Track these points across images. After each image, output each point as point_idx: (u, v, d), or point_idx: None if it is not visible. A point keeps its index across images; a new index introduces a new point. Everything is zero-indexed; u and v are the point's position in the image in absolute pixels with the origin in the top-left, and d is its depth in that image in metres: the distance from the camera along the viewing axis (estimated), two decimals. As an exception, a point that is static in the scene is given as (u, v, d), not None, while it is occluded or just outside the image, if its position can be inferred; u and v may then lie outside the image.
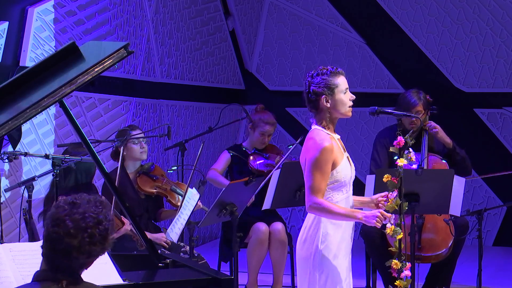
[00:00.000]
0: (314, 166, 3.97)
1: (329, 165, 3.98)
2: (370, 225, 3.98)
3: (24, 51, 6.33)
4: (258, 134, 6.47)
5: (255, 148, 6.53)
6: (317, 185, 3.97)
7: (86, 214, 2.61)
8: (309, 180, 3.99)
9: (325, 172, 3.97)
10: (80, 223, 2.60)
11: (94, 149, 3.66)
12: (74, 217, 2.61)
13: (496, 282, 7.01)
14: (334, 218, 4.00)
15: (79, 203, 2.64)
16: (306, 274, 4.07)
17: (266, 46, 9.83)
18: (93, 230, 2.61)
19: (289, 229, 8.85)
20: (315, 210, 3.99)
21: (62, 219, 2.60)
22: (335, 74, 4.07)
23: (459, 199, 5.49)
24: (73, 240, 2.59)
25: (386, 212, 3.98)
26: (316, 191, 3.96)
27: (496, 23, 9.05)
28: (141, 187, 5.86)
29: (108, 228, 2.65)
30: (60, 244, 2.59)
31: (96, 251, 2.63)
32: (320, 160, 3.96)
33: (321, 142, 3.98)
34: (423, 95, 6.05)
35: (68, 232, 2.59)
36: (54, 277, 2.62)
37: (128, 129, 5.92)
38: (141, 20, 7.85)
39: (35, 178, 5.16)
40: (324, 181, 3.97)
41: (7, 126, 3.28)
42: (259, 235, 6.23)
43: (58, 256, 2.61)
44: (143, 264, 3.74)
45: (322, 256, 4.02)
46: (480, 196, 9.17)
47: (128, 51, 3.59)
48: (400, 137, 4.17)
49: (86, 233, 2.60)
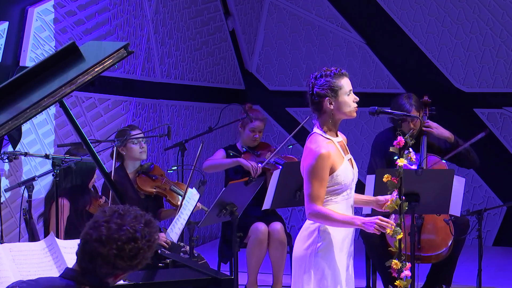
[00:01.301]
0: (311, 173, 3.98)
1: (327, 171, 3.98)
2: (369, 231, 3.99)
3: (24, 51, 6.33)
4: (248, 132, 6.50)
5: (246, 147, 6.54)
6: (315, 192, 3.97)
7: (124, 227, 2.57)
8: (308, 188, 3.99)
9: (322, 179, 3.97)
10: (113, 234, 2.56)
11: (94, 149, 3.66)
12: (111, 226, 2.57)
13: (496, 282, 7.01)
14: (334, 224, 4.01)
15: (123, 215, 2.60)
16: (301, 272, 4.07)
17: (266, 46, 9.83)
18: (124, 245, 2.56)
19: (289, 229, 8.85)
20: (315, 218, 4.00)
21: (99, 224, 2.58)
22: (338, 76, 4.05)
23: (459, 199, 5.49)
24: (102, 248, 2.56)
25: (385, 218, 3.97)
26: (315, 198, 3.97)
27: (496, 23, 9.05)
28: (140, 187, 5.87)
29: (142, 248, 2.59)
30: (89, 247, 2.57)
31: (121, 265, 2.59)
32: (317, 168, 3.97)
33: (317, 149, 3.98)
34: (414, 98, 6.05)
35: (100, 238, 2.56)
36: (80, 280, 2.60)
37: (128, 129, 5.93)
38: (141, 20, 7.85)
39: (35, 178, 5.16)
40: (322, 188, 3.98)
41: (7, 126, 3.27)
42: (258, 235, 6.23)
43: (85, 258, 2.59)
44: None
45: (320, 255, 4.02)
46: (480, 196, 9.17)
47: (128, 51, 3.59)
48: (400, 137, 4.16)
49: (115, 245, 2.56)
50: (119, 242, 2.56)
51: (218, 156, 6.53)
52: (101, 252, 2.55)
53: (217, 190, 8.93)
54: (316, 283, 4.03)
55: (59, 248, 3.35)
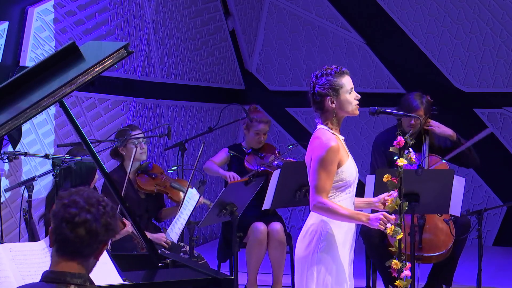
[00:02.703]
0: (320, 165, 3.96)
1: (335, 165, 3.97)
2: (373, 227, 3.98)
3: (24, 51, 6.33)
4: (253, 134, 6.50)
5: (251, 148, 6.55)
6: (322, 184, 3.96)
7: (91, 195, 2.61)
8: (314, 179, 3.98)
9: (330, 172, 3.96)
10: (91, 199, 2.59)
11: (94, 149, 3.66)
12: (83, 194, 2.60)
13: (496, 282, 7.01)
14: (338, 218, 3.99)
15: (82, 190, 2.63)
16: (304, 271, 4.07)
17: (266, 46, 9.83)
18: (103, 206, 2.60)
19: (289, 229, 8.85)
20: (319, 210, 3.98)
21: (73, 200, 2.58)
22: (339, 74, 4.05)
23: (459, 199, 5.49)
24: (88, 214, 2.56)
25: (388, 214, 3.98)
26: (321, 190, 3.96)
27: (496, 23, 9.05)
28: (141, 186, 5.87)
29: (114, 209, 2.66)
30: (76, 224, 2.55)
31: (112, 225, 2.60)
32: (326, 160, 3.96)
33: (327, 141, 3.97)
34: (426, 99, 6.03)
35: (83, 207, 2.56)
36: (63, 280, 2.59)
37: (128, 129, 5.93)
38: (141, 20, 7.85)
39: (35, 178, 5.16)
40: (329, 181, 3.97)
41: (7, 126, 3.27)
42: (258, 235, 6.23)
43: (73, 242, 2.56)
44: (143, 264, 3.73)
45: (323, 253, 4.02)
46: (480, 196, 9.17)
47: (128, 51, 3.59)
48: (400, 137, 4.16)
49: (100, 206, 2.58)
50: (100, 204, 2.59)
51: (221, 156, 6.53)
52: (89, 218, 2.56)
53: (217, 190, 8.93)
54: (320, 281, 4.03)
55: (59, 248, 3.36)
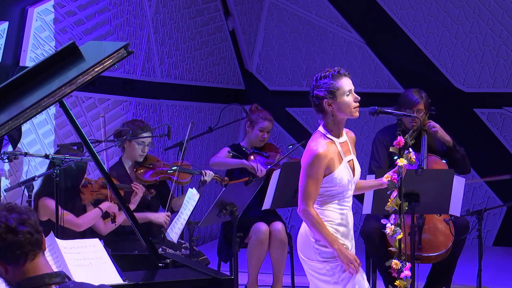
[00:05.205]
0: (306, 171, 4.03)
1: (321, 171, 4.01)
2: (341, 261, 4.00)
3: (24, 51, 6.33)
4: (257, 131, 6.49)
5: (254, 148, 6.54)
6: (308, 190, 4.02)
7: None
8: (302, 185, 4.05)
9: (316, 179, 4.01)
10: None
11: (94, 149, 3.66)
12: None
13: (496, 282, 7.01)
14: (317, 233, 4.03)
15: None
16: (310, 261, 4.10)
17: (266, 46, 9.83)
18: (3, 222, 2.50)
19: (289, 229, 8.85)
20: (305, 217, 4.06)
21: None
22: (337, 77, 4.07)
23: (459, 199, 5.49)
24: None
25: (357, 263, 4.01)
26: (307, 196, 4.02)
27: (496, 23, 9.05)
28: (142, 179, 5.85)
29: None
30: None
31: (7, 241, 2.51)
32: (312, 166, 4.01)
33: (314, 148, 4.02)
34: (425, 94, 6.06)
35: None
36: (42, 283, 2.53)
37: (141, 124, 5.93)
38: (141, 20, 7.85)
39: (35, 178, 5.16)
40: (315, 187, 4.01)
41: (7, 126, 3.27)
42: (259, 235, 6.23)
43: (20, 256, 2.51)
44: (143, 264, 3.73)
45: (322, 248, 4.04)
46: (480, 196, 9.17)
47: (128, 51, 3.59)
48: (400, 137, 4.17)
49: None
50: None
51: (223, 154, 6.53)
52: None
53: (217, 190, 8.93)
54: (328, 262, 4.05)
55: (59, 248, 3.36)
